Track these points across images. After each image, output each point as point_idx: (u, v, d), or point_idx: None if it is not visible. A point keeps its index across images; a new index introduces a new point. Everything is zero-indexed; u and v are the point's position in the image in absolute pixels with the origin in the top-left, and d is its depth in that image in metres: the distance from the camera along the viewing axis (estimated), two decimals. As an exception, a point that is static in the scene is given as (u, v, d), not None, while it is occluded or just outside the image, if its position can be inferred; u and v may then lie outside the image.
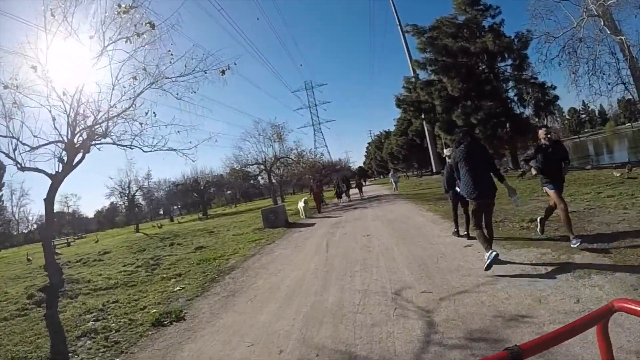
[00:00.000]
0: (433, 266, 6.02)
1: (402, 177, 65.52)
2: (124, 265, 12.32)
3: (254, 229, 17.03)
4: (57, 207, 42.61)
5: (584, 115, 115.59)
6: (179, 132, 12.07)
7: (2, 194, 65.22)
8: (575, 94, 21.65)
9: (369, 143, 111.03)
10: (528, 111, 28.63)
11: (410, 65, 46.34)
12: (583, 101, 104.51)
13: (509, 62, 28.36)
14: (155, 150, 11.18)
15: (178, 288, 7.98)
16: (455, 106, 28.24)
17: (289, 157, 32.69)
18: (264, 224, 16.90)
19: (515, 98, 28.77)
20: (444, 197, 17.54)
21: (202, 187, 53.93)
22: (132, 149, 11.05)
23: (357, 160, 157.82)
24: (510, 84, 29.05)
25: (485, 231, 5.50)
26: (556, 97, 27.52)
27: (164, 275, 9.60)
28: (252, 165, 32.17)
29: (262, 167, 31.83)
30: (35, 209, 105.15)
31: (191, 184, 53.75)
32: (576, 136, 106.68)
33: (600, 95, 20.96)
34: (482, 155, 5.53)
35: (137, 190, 40.48)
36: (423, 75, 31.89)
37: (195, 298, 7.03)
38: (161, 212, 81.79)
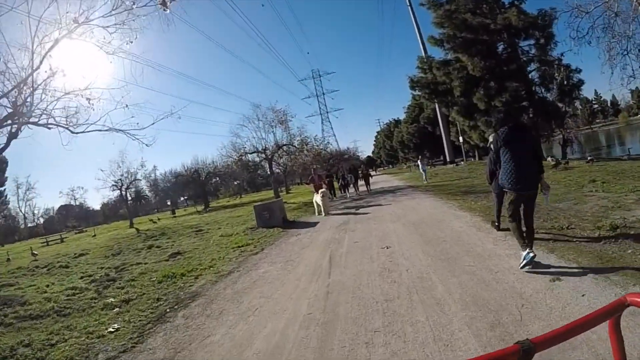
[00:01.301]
0: (516, 325, 3.34)
1: (412, 166, 63.02)
2: (81, 277, 10.20)
3: (246, 229, 14.40)
4: (64, 200, 41.74)
5: (596, 106, 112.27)
6: (127, 106, 9.71)
7: (5, 189, 63.94)
8: (602, 79, 18.91)
9: (377, 132, 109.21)
10: (551, 96, 25.97)
11: (421, 47, 43.55)
12: (595, 90, 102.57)
13: (531, 41, 25.50)
14: (91, 131, 8.55)
15: (111, 329, 5.59)
16: (476, 88, 25.38)
17: (292, 145, 29.69)
18: (257, 223, 14.24)
19: (538, 81, 25.94)
20: (471, 190, 15.07)
21: (203, 179, 51.31)
22: (50, 128, 8.35)
23: (365, 149, 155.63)
24: (532, 65, 26.22)
25: (522, 225, 4.97)
26: (581, 82, 24.75)
27: (111, 300, 7.23)
28: (251, 153, 29.21)
29: (262, 155, 28.95)
30: (41, 203, 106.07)
31: (191, 175, 51.20)
32: (589, 127, 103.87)
33: (634, 78, 18.00)
34: (527, 140, 4.99)
35: (131, 182, 37.63)
36: (439, 54, 29.15)
37: (119, 357, 4.58)
38: (168, 203, 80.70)
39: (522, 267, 4.66)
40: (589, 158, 20.38)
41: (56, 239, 33.78)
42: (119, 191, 37.41)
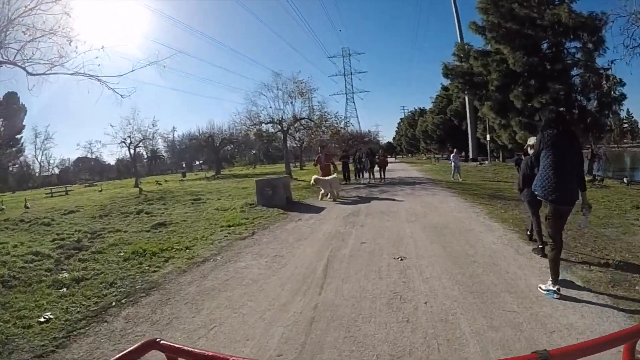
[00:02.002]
0: None
1: (431, 159, 61.14)
2: (53, 240, 9.41)
3: (245, 204, 13.10)
4: (80, 153, 41.35)
5: (626, 125, 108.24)
6: (103, 48, 8.48)
7: (22, 136, 64.66)
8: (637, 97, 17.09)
9: (401, 119, 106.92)
10: (589, 106, 23.69)
11: (458, 34, 41.40)
12: (628, 109, 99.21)
13: (577, 44, 23.26)
14: (52, 74, 7.32)
15: (43, 319, 4.49)
16: (515, 84, 23.39)
17: (310, 119, 27.84)
18: (257, 200, 12.94)
19: (578, 87, 23.81)
20: (498, 194, 13.64)
21: (217, 144, 50.10)
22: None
23: (386, 135, 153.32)
24: (575, 70, 24.03)
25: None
26: (623, 96, 22.61)
27: (64, 276, 6.06)
28: (266, 123, 27.55)
29: (278, 127, 27.39)
30: (57, 153, 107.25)
31: (205, 140, 50.04)
32: (616, 145, 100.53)
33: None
34: (574, 149, 4.34)
35: (141, 141, 36.41)
36: (477, 43, 27.10)
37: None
38: (184, 165, 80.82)
39: (544, 290, 4.20)
40: (626, 179, 18.73)
41: (61, 191, 33.32)
42: (127, 148, 36.19)
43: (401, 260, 5.75)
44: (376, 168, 22.13)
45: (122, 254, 7.29)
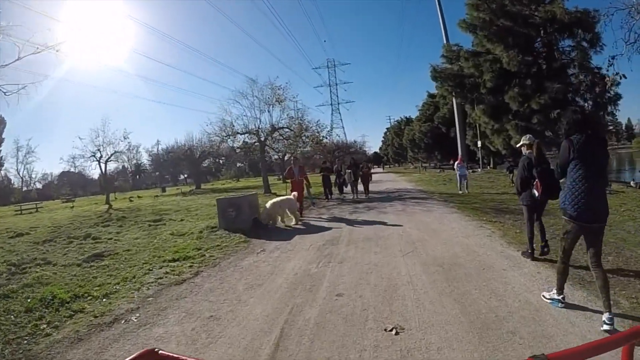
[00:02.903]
0: None
1: (419, 168, 59.45)
2: None
3: (206, 227, 10.98)
4: (64, 167, 39.01)
5: (611, 127, 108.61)
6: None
7: (1, 150, 64.22)
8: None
9: (387, 128, 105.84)
10: (585, 106, 22.04)
11: (444, 35, 39.70)
12: (612, 112, 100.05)
13: (571, 42, 21.69)
14: None
15: None
16: (510, 84, 21.62)
17: (289, 128, 25.31)
18: (219, 223, 10.76)
19: (574, 87, 22.10)
20: (502, 207, 11.63)
21: (197, 157, 47.65)
22: None
23: (373, 145, 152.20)
24: (570, 69, 22.36)
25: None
26: (618, 96, 21.03)
27: None
28: (242, 134, 25.09)
29: (254, 137, 25.04)
30: (40, 167, 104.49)
31: (184, 153, 47.62)
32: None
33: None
34: (604, 157, 3.88)
35: (112, 154, 33.46)
36: (467, 44, 25.42)
37: None
38: (169, 179, 78.92)
39: (548, 298, 4.12)
40: (634, 182, 17.12)
41: (32, 208, 31.78)
42: (97, 163, 33.33)
43: (396, 333, 3.61)
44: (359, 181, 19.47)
45: (29, 300, 5.51)
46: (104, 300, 5.51)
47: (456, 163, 19.02)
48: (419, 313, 4.04)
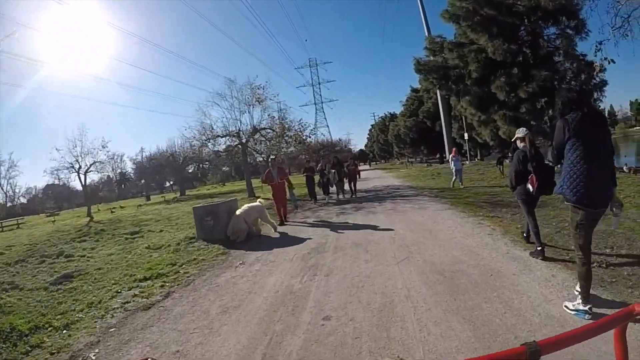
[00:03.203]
0: None
1: (405, 163, 59.08)
2: None
3: (184, 239, 10.25)
4: (49, 179, 37.65)
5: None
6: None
7: None
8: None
9: (372, 125, 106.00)
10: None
11: (425, 29, 39.18)
12: (599, 98, 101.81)
13: (555, 30, 21.19)
14: None
15: None
16: (496, 74, 21.06)
17: (271, 129, 24.30)
18: (196, 233, 9.98)
19: (557, 76, 21.65)
20: (496, 199, 11.07)
21: (180, 163, 46.55)
22: None
23: (359, 143, 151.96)
24: (556, 58, 21.88)
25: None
26: (604, 82, 20.62)
27: None
28: (222, 137, 23.97)
29: (235, 140, 24.09)
30: (23, 182, 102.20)
31: (166, 159, 46.51)
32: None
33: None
34: (605, 135, 3.60)
35: (92, 165, 32.11)
36: (450, 36, 24.80)
37: None
38: (154, 185, 77.53)
39: (573, 309, 3.56)
40: (628, 166, 16.78)
41: (13, 224, 31.19)
42: (77, 174, 32.00)
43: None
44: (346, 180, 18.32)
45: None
46: (64, 332, 4.89)
47: (450, 156, 17.84)
48: (422, 339, 3.34)
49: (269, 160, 12.96)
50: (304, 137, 25.84)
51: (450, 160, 17.69)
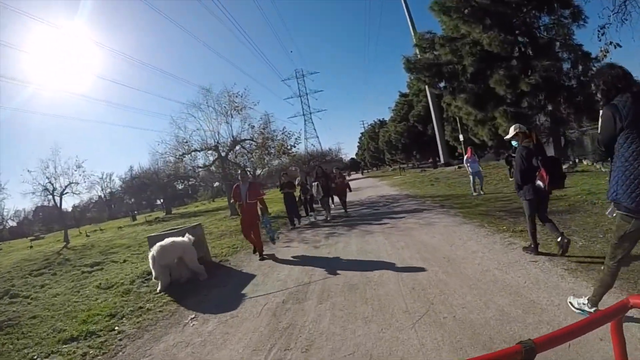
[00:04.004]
0: None
1: (398, 169, 57.39)
2: None
3: (142, 274, 8.43)
4: (37, 201, 35.84)
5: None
6: None
7: None
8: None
9: (361, 133, 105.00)
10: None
11: (411, 31, 37.61)
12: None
13: (546, 20, 19.70)
14: None
15: None
16: (493, 68, 19.38)
17: (252, 140, 22.01)
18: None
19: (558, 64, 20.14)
20: (513, 207, 9.19)
21: (164, 181, 44.33)
22: None
23: (349, 152, 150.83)
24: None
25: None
26: None
27: None
28: (199, 151, 21.79)
29: (214, 154, 21.82)
30: (11, 204, 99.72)
31: (149, 177, 44.32)
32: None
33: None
34: None
35: (67, 186, 29.87)
36: (438, 32, 23.10)
37: None
38: (145, 203, 76.42)
39: (576, 307, 3.39)
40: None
41: None
42: (51, 196, 29.80)
43: None
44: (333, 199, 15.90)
45: None
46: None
47: (466, 157, 14.90)
48: None
49: (239, 174, 9.80)
50: (289, 147, 23.44)
51: (465, 162, 14.83)
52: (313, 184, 13.65)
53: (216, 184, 75.35)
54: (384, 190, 23.09)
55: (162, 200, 71.15)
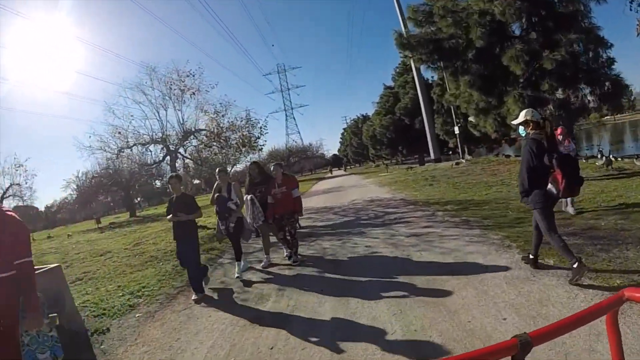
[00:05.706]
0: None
1: (381, 166, 54.25)
2: None
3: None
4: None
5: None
6: None
7: None
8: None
9: (344, 129, 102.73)
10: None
11: (400, 18, 33.93)
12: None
13: None
14: None
15: None
16: (508, 41, 15.89)
17: (208, 130, 17.40)
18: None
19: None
20: (596, 233, 5.62)
21: (127, 179, 39.90)
22: None
23: (331, 148, 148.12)
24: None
25: None
26: (611, 60, 16.02)
27: None
28: (143, 144, 17.55)
29: (164, 148, 17.63)
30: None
31: (111, 176, 39.84)
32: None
33: None
34: None
35: (9, 187, 25.86)
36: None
37: None
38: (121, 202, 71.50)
39: None
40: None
41: None
42: None
43: None
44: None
45: None
46: None
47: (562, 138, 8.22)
48: None
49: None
50: (254, 138, 18.19)
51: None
52: (246, 197, 7.08)
53: (196, 181, 70.82)
54: (372, 191, 19.07)
55: (140, 199, 67.02)
